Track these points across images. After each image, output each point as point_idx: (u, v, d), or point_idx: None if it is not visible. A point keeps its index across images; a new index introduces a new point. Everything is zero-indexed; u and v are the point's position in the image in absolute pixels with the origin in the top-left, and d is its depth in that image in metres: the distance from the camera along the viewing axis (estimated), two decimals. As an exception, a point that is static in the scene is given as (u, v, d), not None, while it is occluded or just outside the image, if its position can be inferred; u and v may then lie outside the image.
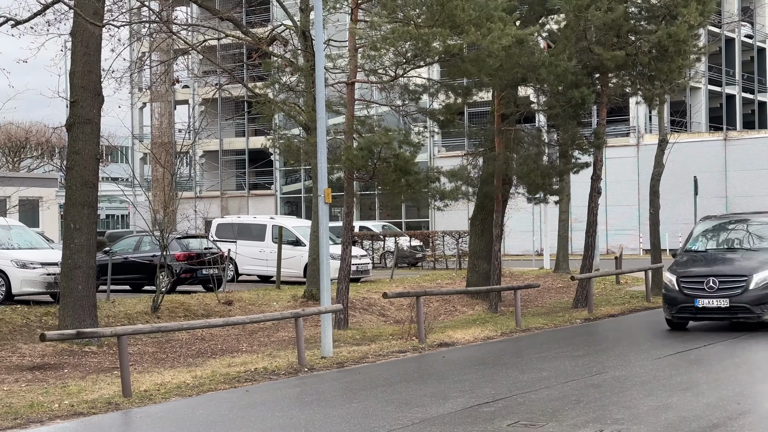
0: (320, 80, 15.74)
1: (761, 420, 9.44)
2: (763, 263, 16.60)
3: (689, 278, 16.89)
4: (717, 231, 18.64)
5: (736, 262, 17.04)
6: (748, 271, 16.46)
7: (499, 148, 22.08)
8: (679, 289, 16.85)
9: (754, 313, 16.17)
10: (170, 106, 54.88)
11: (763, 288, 16.23)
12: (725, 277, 16.52)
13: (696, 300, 16.55)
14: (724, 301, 16.28)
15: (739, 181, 45.27)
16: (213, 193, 59.89)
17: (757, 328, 16.69)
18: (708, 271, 16.81)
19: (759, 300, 16.20)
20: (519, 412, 10.11)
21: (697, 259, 17.63)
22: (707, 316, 16.82)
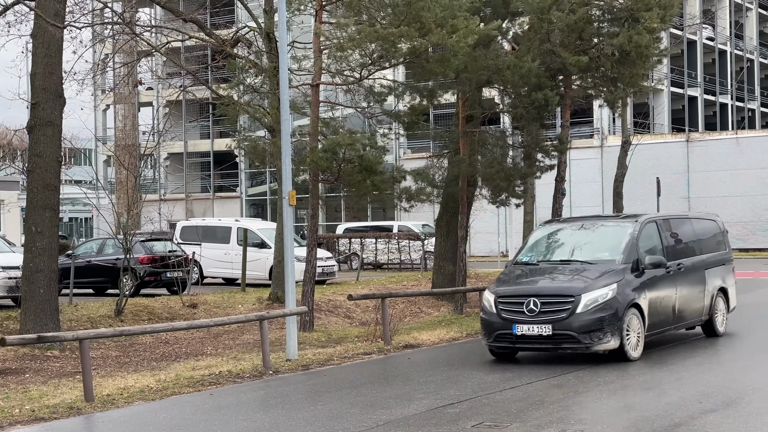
0: (284, 82, 15.70)
1: (725, 419, 9.53)
2: (596, 280, 13.50)
3: (508, 298, 13.81)
4: (555, 239, 15.54)
5: (564, 278, 13.94)
6: (577, 290, 13.39)
7: (463, 150, 22.13)
8: (496, 312, 13.78)
9: (581, 342, 13.15)
10: (134, 108, 54.49)
11: (594, 311, 13.15)
12: (548, 298, 13.51)
13: (514, 326, 13.49)
14: (546, 327, 13.29)
15: (701, 182, 45.74)
16: (178, 195, 59.53)
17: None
18: (529, 290, 13.81)
19: (588, 326, 13.12)
20: (483, 413, 10.13)
21: (523, 275, 14.54)
22: (528, 346, 13.76)
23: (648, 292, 13.91)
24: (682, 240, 15.56)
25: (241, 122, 29.16)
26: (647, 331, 13.88)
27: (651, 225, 14.92)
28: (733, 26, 61.58)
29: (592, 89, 23.81)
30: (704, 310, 15.60)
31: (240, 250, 27.12)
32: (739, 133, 48.96)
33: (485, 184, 22.96)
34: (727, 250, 16.99)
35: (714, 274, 16.00)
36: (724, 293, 16.39)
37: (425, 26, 17.19)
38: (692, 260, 15.40)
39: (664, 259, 14.42)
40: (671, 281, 14.58)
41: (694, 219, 17.02)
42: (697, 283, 15.42)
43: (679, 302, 14.79)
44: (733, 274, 16.95)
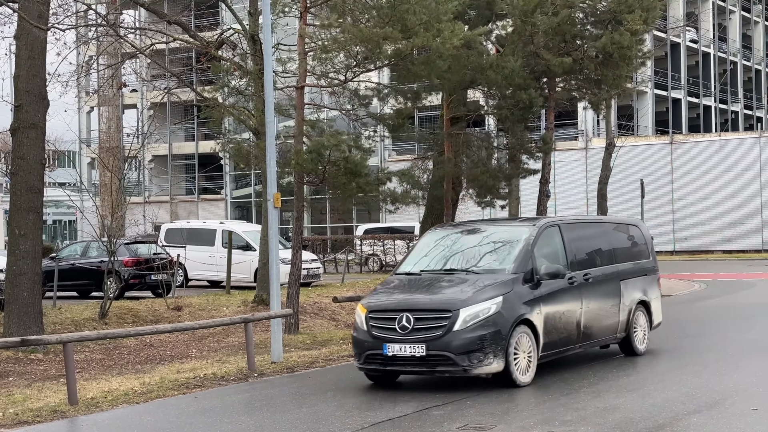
0: (269, 84, 15.69)
1: (708, 420, 9.58)
2: (479, 293, 11.74)
3: (380, 313, 12.03)
4: (444, 245, 13.58)
5: (444, 290, 12.17)
6: (455, 304, 11.61)
7: (448, 151, 22.18)
8: (367, 329, 12.05)
9: (458, 365, 11.36)
10: (118, 110, 54.31)
11: (475, 328, 11.42)
12: (423, 313, 11.72)
13: (385, 345, 11.74)
14: (419, 347, 11.51)
15: (685, 183, 45.95)
16: (162, 197, 59.38)
17: None
18: (403, 304, 12.00)
19: (466, 346, 11.36)
20: (469, 415, 10.15)
21: (401, 286, 12.70)
22: (400, 369, 11.89)
23: (544, 307, 12.16)
24: (592, 247, 13.88)
25: (226, 124, 29.11)
26: (542, 351, 12.14)
27: (552, 230, 13.17)
28: (716, 29, 61.91)
29: (576, 91, 23.92)
30: (620, 327, 13.93)
31: (225, 253, 27.07)
32: (722, 135, 49.24)
33: (470, 186, 23.02)
34: (651, 258, 15.28)
35: (633, 285, 14.34)
36: (646, 307, 14.75)
37: (410, 28, 17.22)
38: (604, 270, 13.69)
39: (563, 268, 12.65)
40: (576, 294, 12.86)
41: (610, 224, 15.44)
42: (611, 295, 13.75)
43: (586, 318, 13.02)
44: (657, 285, 15.23)
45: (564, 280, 12.68)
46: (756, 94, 67.59)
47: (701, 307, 22.03)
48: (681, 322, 19.36)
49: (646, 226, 15.86)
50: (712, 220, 45.01)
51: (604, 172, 25.98)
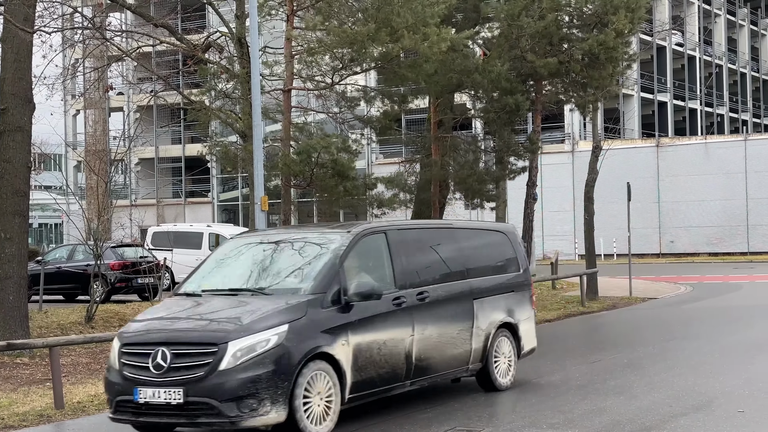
0: (256, 87, 15.69)
1: (695, 422, 9.61)
2: (258, 320, 9.18)
3: (133, 347, 9.35)
4: (239, 258, 10.94)
5: (214, 317, 9.56)
6: (222, 335, 9.04)
7: (435, 155, 22.22)
8: (118, 368, 9.37)
9: (225, 415, 8.76)
10: (104, 113, 54.14)
11: (248, 367, 8.86)
12: (183, 347, 9.09)
13: (137, 389, 9.08)
14: (176, 392, 8.89)
15: (671, 186, 46.11)
16: (149, 201, 59.23)
17: None
18: (162, 335, 9.34)
19: (236, 390, 8.80)
20: (456, 418, 10.15)
21: (170, 311, 10.01)
22: (155, 421, 9.14)
23: (355, 336, 9.60)
24: (433, 259, 11.28)
25: (213, 128, 29.06)
26: (352, 393, 9.58)
27: (374, 238, 10.53)
28: (702, 32, 62.18)
29: (563, 94, 23.99)
30: (473, 356, 11.37)
31: (212, 256, 26.98)
32: (708, 138, 49.44)
33: (458, 188, 23.06)
34: (522, 272, 12.64)
35: (492, 305, 11.77)
36: (512, 331, 12.11)
37: (396, 30, 17.25)
38: (449, 287, 11.12)
39: (379, 286, 9.91)
40: (405, 318, 10.28)
41: (464, 230, 12.39)
42: (458, 318, 11.15)
43: (421, 347, 10.45)
44: (530, 303, 12.66)
45: (386, 301, 10.05)
46: (741, 98, 67.93)
47: (687, 310, 22.11)
48: (667, 324, 19.43)
49: (517, 233, 13.24)
50: (698, 223, 45.19)
51: (590, 175, 26.01)
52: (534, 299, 13.02)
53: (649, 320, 20.63)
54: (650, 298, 25.34)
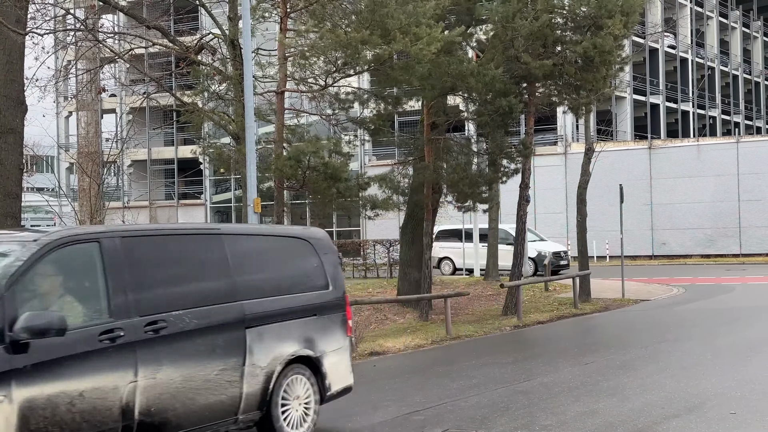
0: (249, 89, 15.68)
1: (687, 424, 9.63)
2: None
3: None
4: None
5: None
6: None
7: (428, 157, 22.21)
8: None
9: None
10: (97, 115, 53.93)
11: None
12: None
13: None
14: None
15: (663, 188, 46.18)
16: (142, 202, 59.15)
17: None
18: None
19: None
20: (449, 420, 10.15)
21: None
22: None
23: (24, 387, 7.06)
24: (182, 276, 8.67)
25: (206, 129, 29.02)
26: None
27: (78, 250, 7.91)
28: (694, 35, 62.32)
29: (556, 96, 24.00)
30: (244, 403, 8.75)
31: (204, 258, 26.92)
32: (700, 140, 49.51)
33: (450, 191, 23.05)
34: (332, 288, 9.95)
35: (278, 334, 9.15)
36: (312, 367, 9.50)
37: (389, 33, 17.25)
38: (203, 313, 8.53)
39: (59, 317, 7.27)
40: (121, 358, 7.72)
41: (237, 237, 9.48)
42: (219, 353, 8.59)
43: (150, 396, 7.89)
44: (342, 329, 9.97)
45: (88, 337, 7.55)
46: (733, 100, 68.07)
47: (680, 311, 22.15)
48: (660, 326, 19.46)
49: (326, 240, 10.36)
50: (691, 225, 45.26)
51: (583, 177, 26.05)
52: (350, 323, 10.22)
53: (641, 322, 20.66)
54: (643, 299, 25.38)
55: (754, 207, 44.06)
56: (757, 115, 71.70)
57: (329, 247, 10.28)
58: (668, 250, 45.78)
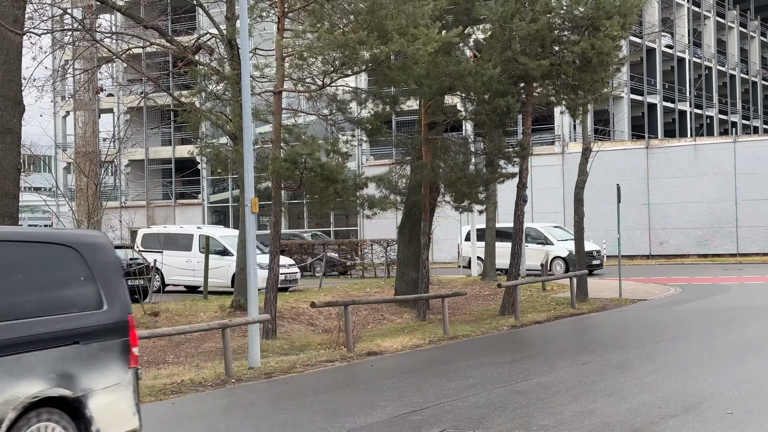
0: (246, 89, 15.68)
1: (684, 423, 9.64)
2: None
3: None
4: None
5: None
6: None
7: (426, 156, 22.22)
8: None
9: None
10: (94, 114, 53.96)
11: None
12: None
13: None
14: None
15: (661, 188, 46.21)
16: (139, 202, 59.11)
17: None
18: None
19: None
20: (446, 420, 10.16)
21: None
22: None
23: None
24: None
25: (203, 129, 29.05)
26: None
27: None
28: (692, 34, 62.37)
29: (554, 96, 24.01)
30: None
31: (202, 258, 26.99)
32: (697, 139, 49.55)
33: (448, 191, 23.07)
34: (106, 308, 8.15)
35: (11, 369, 7.11)
36: (72, 411, 7.52)
37: (387, 34, 17.24)
38: None
39: None
40: None
41: None
42: None
43: None
44: (121, 360, 8.12)
45: None
46: (731, 99, 68.11)
47: (677, 311, 22.18)
48: (657, 325, 19.49)
49: (103, 245, 8.44)
50: (688, 225, 45.28)
51: (580, 177, 26.06)
52: (135, 351, 8.24)
53: (638, 322, 20.69)
54: (640, 299, 25.41)
55: (751, 207, 44.09)
56: (754, 114, 71.76)
57: (106, 256, 8.22)
58: (665, 249, 45.80)
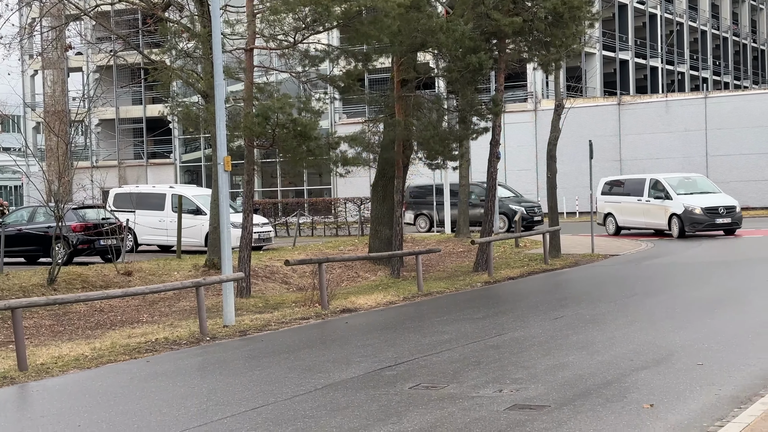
0: (217, 47, 15.52)
1: (655, 375, 9.77)
2: None
3: None
4: None
5: None
6: None
7: (399, 114, 22.16)
8: None
9: None
10: (63, 73, 53.36)
11: None
12: None
13: None
14: None
15: (632, 144, 46.42)
16: (110, 162, 58.66)
17: None
18: None
19: None
20: (420, 375, 10.24)
21: None
22: None
23: None
24: None
25: (174, 88, 28.78)
26: None
27: None
28: (664, -10, 62.34)
29: (526, 53, 23.96)
30: None
31: (175, 217, 26.89)
32: (668, 96, 49.72)
33: (421, 148, 23.04)
34: None
35: None
36: None
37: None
38: None
39: None
40: None
41: None
42: None
43: None
44: None
45: None
46: (702, 55, 68.30)
47: (648, 266, 22.38)
48: (629, 280, 19.68)
49: None
50: (659, 180, 45.57)
51: (553, 134, 26.11)
52: None
53: (610, 277, 20.88)
54: (612, 255, 25.62)
55: (721, 163, 44.42)
56: (724, 70, 72.03)
57: None
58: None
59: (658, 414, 8.15)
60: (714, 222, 29.61)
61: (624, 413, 8.21)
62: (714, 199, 30.32)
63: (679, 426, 7.77)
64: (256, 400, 9.31)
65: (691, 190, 31.00)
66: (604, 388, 9.18)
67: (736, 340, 11.86)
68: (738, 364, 10.17)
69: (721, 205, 29.95)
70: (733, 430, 7.30)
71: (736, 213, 30.13)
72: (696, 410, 8.27)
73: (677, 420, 7.96)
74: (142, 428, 8.43)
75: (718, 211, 29.75)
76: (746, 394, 8.76)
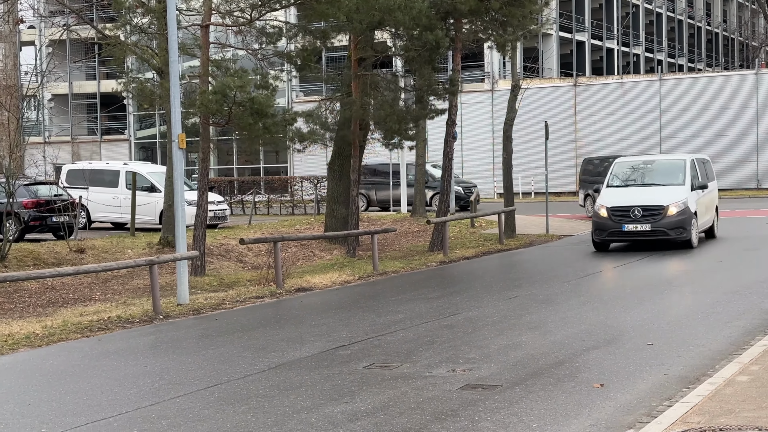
0: (172, 22, 15.35)
1: (606, 355, 9.89)
2: None
3: None
4: None
5: None
6: None
7: (355, 93, 22.09)
8: None
9: None
10: (15, 47, 52.50)
11: None
12: None
13: None
14: None
15: (588, 125, 46.74)
16: (63, 138, 57.92)
17: None
18: None
19: None
20: (374, 354, 10.27)
21: None
22: None
23: None
24: None
25: (129, 63, 28.44)
26: None
27: None
28: (620, -28, 62.63)
29: (483, 32, 23.98)
30: None
31: (129, 194, 26.66)
32: (624, 77, 50.10)
33: (377, 127, 23.01)
34: None
35: None
36: None
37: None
38: None
39: None
40: None
41: None
42: None
43: None
44: None
45: None
46: (657, 37, 68.80)
47: (602, 247, 22.55)
48: (582, 261, 19.85)
49: None
50: (614, 162, 45.96)
51: (509, 114, 26.20)
52: None
53: (564, 257, 21.05)
54: (566, 235, 25.83)
55: (675, 145, 44.88)
56: (679, 53, 72.65)
57: None
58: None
59: (608, 394, 8.25)
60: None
61: (575, 393, 8.30)
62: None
63: (629, 405, 7.88)
64: (209, 379, 9.28)
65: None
66: (555, 368, 9.27)
67: (686, 320, 12.04)
68: (687, 344, 10.33)
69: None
70: (681, 410, 7.41)
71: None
72: (645, 390, 8.38)
73: (627, 399, 8.06)
74: (94, 407, 8.37)
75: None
76: (695, 374, 8.89)
